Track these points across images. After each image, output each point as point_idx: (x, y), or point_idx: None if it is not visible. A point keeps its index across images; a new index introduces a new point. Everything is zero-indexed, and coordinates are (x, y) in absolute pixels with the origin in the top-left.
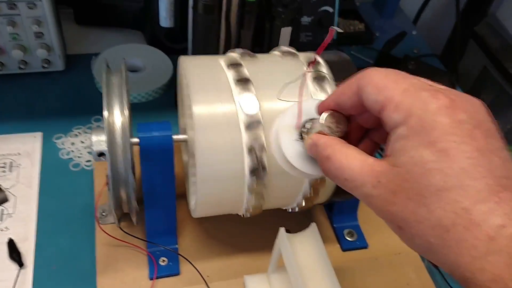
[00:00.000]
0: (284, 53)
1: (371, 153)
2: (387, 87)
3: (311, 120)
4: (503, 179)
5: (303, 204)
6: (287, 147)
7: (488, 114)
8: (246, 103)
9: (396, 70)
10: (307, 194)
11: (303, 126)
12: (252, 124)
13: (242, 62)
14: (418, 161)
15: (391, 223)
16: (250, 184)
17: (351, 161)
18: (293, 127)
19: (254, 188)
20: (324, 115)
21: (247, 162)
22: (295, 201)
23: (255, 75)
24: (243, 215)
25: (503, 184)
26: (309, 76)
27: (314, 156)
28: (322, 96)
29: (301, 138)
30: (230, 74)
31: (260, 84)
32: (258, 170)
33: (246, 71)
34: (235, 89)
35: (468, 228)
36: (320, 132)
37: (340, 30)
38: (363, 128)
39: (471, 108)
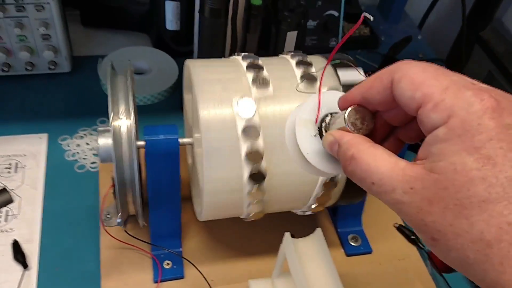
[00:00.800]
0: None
1: (396, 152)
2: (425, 83)
3: (332, 114)
4: None
5: (313, 207)
6: (303, 143)
7: None
8: (246, 108)
9: (435, 65)
10: (318, 195)
11: (323, 120)
12: (250, 129)
13: (260, 62)
14: (459, 168)
15: (423, 234)
16: (248, 189)
17: (380, 163)
18: (311, 121)
19: (253, 194)
20: (349, 109)
21: (246, 167)
22: (304, 205)
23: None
24: (245, 219)
25: None
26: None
27: (335, 155)
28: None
29: (320, 133)
30: (247, 76)
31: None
32: (256, 175)
33: (265, 73)
34: (243, 92)
35: None
36: (342, 129)
37: (371, 17)
38: (389, 125)
39: None
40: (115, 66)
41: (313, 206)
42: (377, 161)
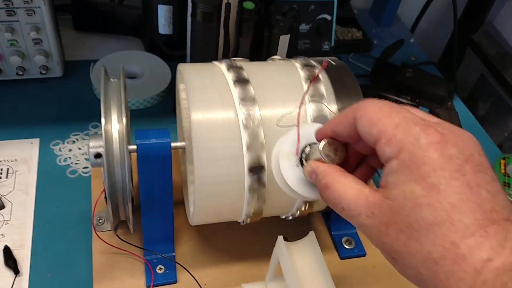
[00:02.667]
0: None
1: (368, 177)
2: (380, 121)
3: (310, 144)
4: (492, 213)
5: (298, 214)
6: (288, 174)
7: (479, 147)
8: (246, 112)
9: (390, 103)
10: (301, 208)
11: (303, 151)
12: (251, 131)
13: (242, 65)
14: (409, 196)
15: (384, 253)
16: (250, 184)
17: (348, 190)
18: (293, 153)
19: (255, 189)
20: (323, 143)
21: (247, 164)
22: (291, 210)
23: (254, 78)
24: (242, 222)
25: (491, 218)
26: (308, 98)
27: (314, 183)
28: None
29: (301, 163)
30: (229, 77)
31: (259, 86)
32: (256, 167)
33: (245, 73)
34: (235, 95)
35: (456, 262)
36: (319, 160)
37: (333, 63)
38: (360, 154)
39: (461, 142)
40: (108, 71)
41: (302, 208)
42: (346, 188)
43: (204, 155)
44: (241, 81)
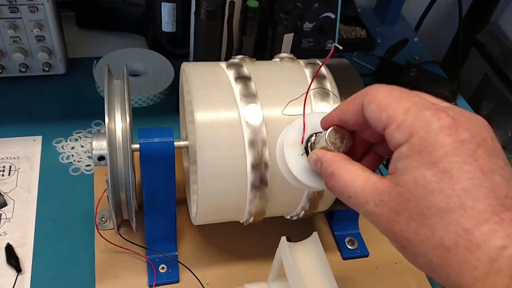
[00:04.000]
0: (284, 59)
1: (376, 166)
2: (390, 106)
3: (316, 134)
4: (506, 198)
5: (302, 214)
6: (292, 163)
7: (491, 132)
8: (250, 113)
9: (400, 87)
10: (305, 207)
11: (308, 140)
12: (254, 133)
13: (243, 64)
14: (420, 182)
15: (394, 242)
16: (253, 182)
17: (355, 178)
18: (298, 142)
19: (257, 187)
20: (328, 131)
21: (249, 162)
22: (295, 210)
23: (257, 77)
24: (245, 222)
25: (505, 204)
26: (312, 91)
27: (319, 171)
28: (326, 108)
29: (306, 152)
30: (231, 75)
31: (262, 86)
32: (259, 164)
33: (246, 71)
34: (238, 94)
35: (470, 249)
36: (324, 148)
37: (340, 47)
38: (367, 142)
39: (473, 127)
40: (111, 68)
41: (306, 208)
42: (353, 176)
43: (208, 156)
44: (243, 78)
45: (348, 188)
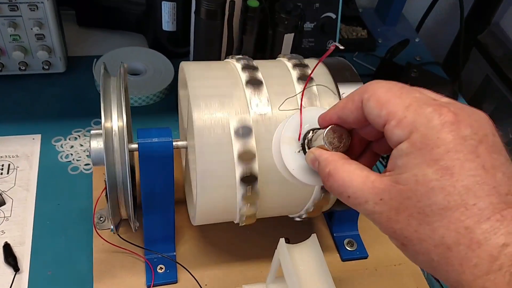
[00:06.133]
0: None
1: (373, 163)
2: (390, 102)
3: (313, 130)
4: (507, 196)
5: (306, 215)
6: (288, 160)
7: (492, 127)
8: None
9: (400, 83)
10: (309, 209)
11: (305, 137)
12: (245, 134)
13: (254, 64)
14: (421, 180)
15: (394, 240)
16: (242, 192)
17: (353, 178)
18: (295, 138)
19: (247, 197)
20: (326, 130)
21: (238, 171)
22: (302, 209)
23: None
24: (239, 223)
25: (507, 201)
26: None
27: (317, 170)
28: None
29: (303, 149)
30: (242, 77)
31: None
32: (249, 177)
33: (260, 75)
34: (239, 95)
35: (471, 247)
36: (321, 147)
37: (341, 47)
38: (365, 140)
39: (475, 123)
40: (111, 67)
41: (310, 210)
42: (351, 176)
43: (206, 156)
44: (251, 71)
45: (346, 187)
